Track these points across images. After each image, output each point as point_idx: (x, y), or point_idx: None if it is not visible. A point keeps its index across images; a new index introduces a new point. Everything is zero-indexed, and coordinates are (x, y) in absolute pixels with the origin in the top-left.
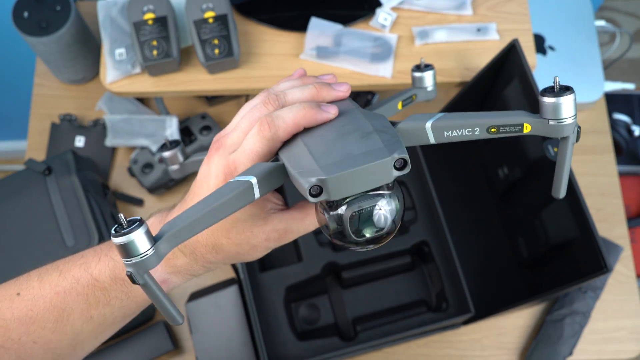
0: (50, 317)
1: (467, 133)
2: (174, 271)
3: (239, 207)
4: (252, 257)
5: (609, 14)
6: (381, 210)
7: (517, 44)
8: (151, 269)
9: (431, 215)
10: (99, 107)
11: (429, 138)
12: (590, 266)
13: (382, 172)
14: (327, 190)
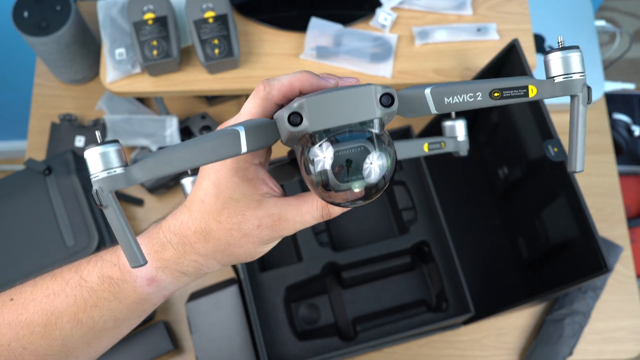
0: (39, 321)
1: (469, 99)
2: (162, 266)
3: (223, 155)
4: (244, 251)
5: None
6: (367, 155)
7: (517, 44)
8: (118, 188)
9: (431, 215)
10: (99, 107)
11: (429, 107)
12: (590, 266)
13: (365, 102)
14: (307, 116)
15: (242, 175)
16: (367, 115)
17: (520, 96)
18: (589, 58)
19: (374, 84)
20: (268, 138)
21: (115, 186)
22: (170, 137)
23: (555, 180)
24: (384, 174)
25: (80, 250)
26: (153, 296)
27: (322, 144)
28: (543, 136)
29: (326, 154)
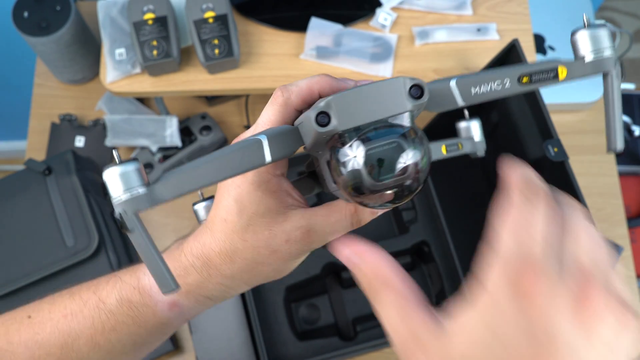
0: (55, 342)
1: (497, 87)
2: (185, 291)
3: (247, 167)
4: (273, 269)
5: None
6: (401, 152)
7: (517, 44)
8: (143, 209)
9: (431, 215)
10: (99, 107)
11: (455, 99)
12: None
13: (395, 96)
14: (335, 115)
15: (265, 188)
16: (398, 109)
17: (550, 79)
18: None
19: (402, 76)
20: (291, 145)
21: (139, 207)
22: (170, 137)
23: (555, 180)
24: (419, 170)
25: (80, 250)
26: (174, 320)
27: (352, 143)
28: (543, 136)
29: (357, 153)
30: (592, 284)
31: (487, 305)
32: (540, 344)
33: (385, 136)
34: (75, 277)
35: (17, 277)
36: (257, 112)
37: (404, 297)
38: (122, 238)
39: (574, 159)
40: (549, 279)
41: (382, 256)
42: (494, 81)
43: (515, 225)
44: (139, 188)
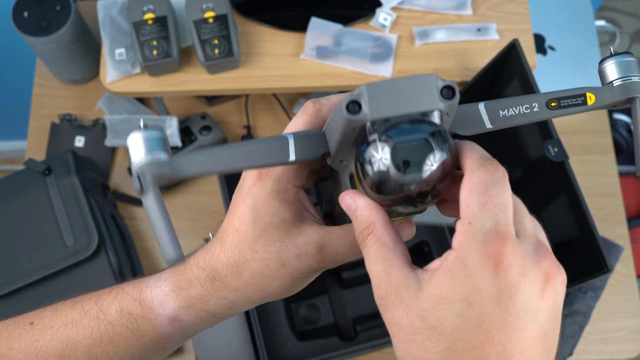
0: (53, 351)
1: (525, 110)
2: (186, 305)
3: (270, 161)
4: (280, 286)
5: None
6: (430, 152)
7: (517, 44)
8: (162, 174)
9: None
10: (99, 107)
11: (483, 121)
12: (590, 266)
13: (427, 92)
14: (366, 104)
15: (283, 198)
16: (429, 106)
17: (579, 105)
18: (589, 58)
19: (435, 74)
20: (316, 149)
21: (158, 170)
22: (170, 137)
23: (556, 180)
24: (446, 172)
25: (80, 250)
26: (174, 336)
27: (382, 136)
28: (543, 136)
29: (386, 150)
30: (547, 251)
31: (459, 268)
32: (508, 312)
33: (416, 132)
34: (75, 277)
35: (17, 277)
36: (257, 112)
37: (390, 251)
38: (122, 238)
39: (574, 159)
40: (514, 246)
41: (377, 209)
42: (522, 105)
43: (482, 195)
44: (161, 154)
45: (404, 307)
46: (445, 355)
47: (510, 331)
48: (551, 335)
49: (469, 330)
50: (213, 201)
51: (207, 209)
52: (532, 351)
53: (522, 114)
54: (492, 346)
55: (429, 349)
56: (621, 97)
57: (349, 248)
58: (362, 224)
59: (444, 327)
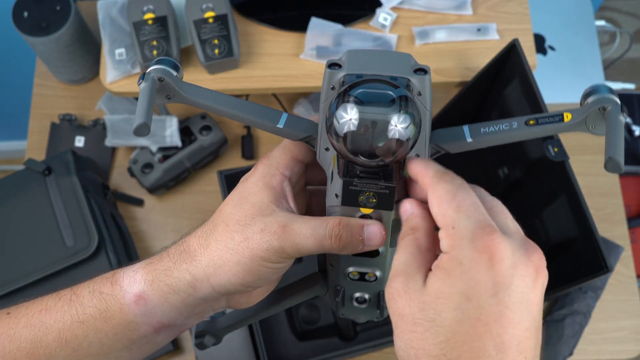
0: (26, 336)
1: (505, 127)
2: (151, 278)
3: (261, 121)
4: (239, 261)
5: (609, 14)
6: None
7: (517, 43)
8: (165, 77)
9: None
10: (99, 107)
11: (465, 135)
12: (590, 266)
13: (400, 64)
14: (344, 63)
15: (267, 181)
16: (400, 73)
17: (556, 121)
18: (589, 58)
19: (410, 54)
20: (304, 128)
21: (163, 74)
22: (170, 137)
23: (556, 180)
24: (408, 134)
25: (80, 250)
26: (140, 320)
27: (353, 90)
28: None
29: (353, 105)
30: (534, 246)
31: (454, 266)
32: (504, 304)
33: (383, 91)
34: (75, 277)
35: (17, 277)
36: None
37: (419, 251)
38: (121, 238)
39: (574, 159)
40: (503, 238)
41: (427, 219)
42: (502, 124)
43: (452, 201)
44: (171, 69)
45: (407, 297)
46: (443, 347)
47: (506, 323)
48: (540, 328)
49: (467, 322)
50: (213, 201)
51: (207, 209)
52: (527, 343)
53: (502, 130)
54: (490, 338)
55: (428, 340)
56: (594, 106)
57: (311, 232)
58: (410, 225)
59: (443, 320)
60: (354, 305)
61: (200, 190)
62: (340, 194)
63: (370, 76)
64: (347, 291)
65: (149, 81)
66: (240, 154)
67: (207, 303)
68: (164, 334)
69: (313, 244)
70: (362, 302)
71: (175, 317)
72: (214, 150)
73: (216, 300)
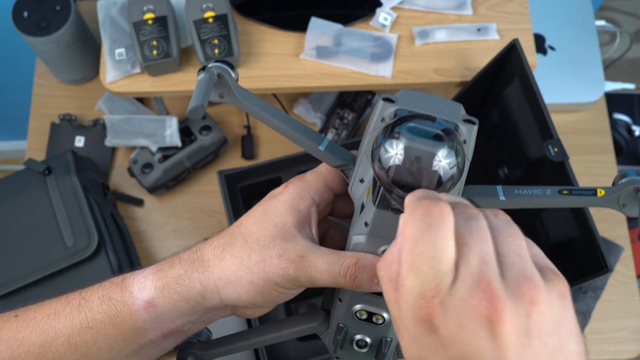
0: (35, 340)
1: (538, 192)
2: (161, 285)
3: (304, 140)
4: (254, 287)
5: (609, 14)
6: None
7: (518, 43)
8: (223, 76)
9: None
10: (99, 107)
11: (498, 194)
12: (590, 266)
13: (452, 108)
14: (398, 99)
15: (295, 203)
16: (450, 116)
17: (589, 195)
18: (589, 58)
19: (461, 104)
20: (342, 156)
21: (223, 72)
22: (170, 137)
23: (556, 180)
24: (451, 174)
25: (80, 251)
26: (149, 326)
27: (404, 124)
28: (543, 136)
29: (402, 139)
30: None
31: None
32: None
33: (431, 127)
34: (75, 277)
35: (17, 277)
36: None
37: None
38: (121, 238)
39: (574, 159)
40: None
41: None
42: (536, 189)
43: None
44: (230, 70)
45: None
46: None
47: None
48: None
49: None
50: (213, 201)
51: (207, 209)
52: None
53: (535, 194)
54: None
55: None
56: (628, 186)
57: (326, 266)
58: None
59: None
60: (352, 349)
61: (200, 190)
62: (370, 222)
63: (420, 116)
64: (349, 331)
65: (209, 73)
66: (240, 154)
67: (214, 312)
68: (171, 339)
69: (327, 279)
70: (362, 346)
71: (183, 324)
72: (214, 150)
73: (223, 310)
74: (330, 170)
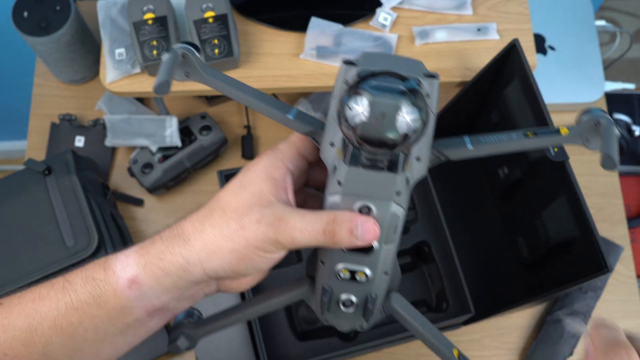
0: (21, 325)
1: (504, 138)
2: (144, 262)
3: (272, 111)
4: (233, 249)
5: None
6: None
7: (518, 43)
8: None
9: (431, 215)
10: (99, 107)
11: (466, 143)
12: (590, 266)
13: (413, 65)
14: (359, 61)
15: (270, 172)
16: (412, 72)
17: (553, 133)
18: (589, 58)
19: (421, 61)
20: (312, 123)
21: (187, 51)
22: (170, 137)
23: (556, 180)
24: (415, 126)
25: (80, 251)
26: (134, 304)
27: (366, 82)
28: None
29: (365, 96)
30: None
31: None
32: None
33: (394, 84)
34: None
35: (17, 277)
36: (257, 112)
37: None
38: (121, 238)
39: (574, 158)
40: None
41: None
42: (502, 135)
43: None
44: (194, 50)
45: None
46: None
47: None
48: None
49: None
50: None
51: None
52: None
53: (502, 140)
54: None
55: None
56: (589, 121)
57: (306, 226)
58: None
59: None
60: (340, 309)
61: (200, 190)
62: (343, 181)
63: (382, 72)
64: (334, 292)
65: (173, 53)
66: (240, 154)
67: (198, 286)
68: (157, 317)
69: (307, 238)
70: (349, 305)
71: (168, 300)
72: (214, 150)
73: (207, 284)
74: (301, 139)
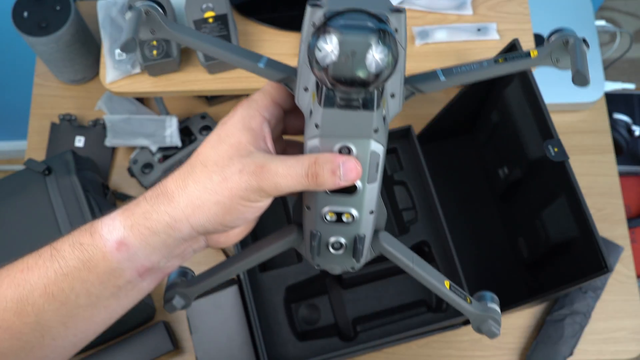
0: (12, 296)
1: (475, 67)
2: (130, 223)
3: (243, 60)
4: (218, 201)
5: (609, 14)
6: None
7: (518, 43)
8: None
9: (431, 215)
10: (99, 107)
11: (438, 75)
12: (590, 266)
13: (378, 2)
14: (325, 2)
15: (247, 123)
16: (378, 10)
17: (523, 57)
18: (589, 58)
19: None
20: (283, 70)
21: (150, 8)
22: (170, 137)
23: (556, 180)
24: (386, 62)
25: None
26: (124, 265)
27: (333, 21)
28: (543, 136)
29: (333, 35)
30: None
31: None
32: None
33: (363, 22)
34: None
35: None
36: None
37: None
38: None
39: (574, 159)
40: None
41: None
42: (473, 64)
43: None
44: (157, 6)
45: None
46: None
47: None
48: None
49: None
50: None
51: None
52: None
53: (473, 69)
54: None
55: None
56: (557, 40)
57: (287, 170)
58: None
59: None
60: (330, 253)
61: None
62: (320, 123)
63: (349, 10)
64: (323, 236)
65: (136, 11)
66: None
67: (186, 243)
68: (148, 278)
69: (291, 183)
70: (338, 248)
71: (158, 260)
72: None
73: (195, 240)
74: (275, 87)
